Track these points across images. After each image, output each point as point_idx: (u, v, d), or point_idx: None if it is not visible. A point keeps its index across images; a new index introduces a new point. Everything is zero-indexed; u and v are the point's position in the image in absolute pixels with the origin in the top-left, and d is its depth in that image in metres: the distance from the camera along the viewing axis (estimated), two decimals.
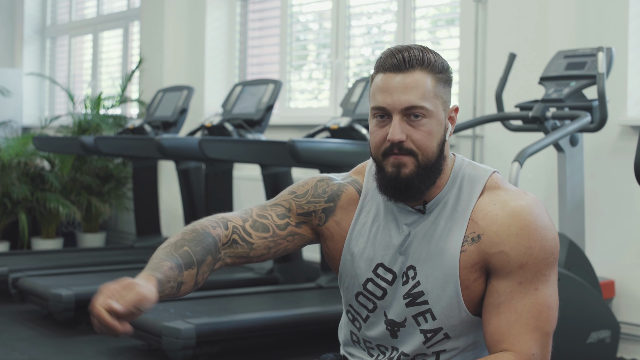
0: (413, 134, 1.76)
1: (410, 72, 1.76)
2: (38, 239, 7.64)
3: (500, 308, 1.75)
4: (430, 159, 1.78)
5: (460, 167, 1.86)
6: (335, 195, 1.94)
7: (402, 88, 1.76)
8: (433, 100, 1.77)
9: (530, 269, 1.74)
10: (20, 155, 7.53)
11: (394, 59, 1.77)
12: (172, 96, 6.50)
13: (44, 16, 9.85)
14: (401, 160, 1.77)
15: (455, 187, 1.84)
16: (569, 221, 4.09)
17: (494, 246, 1.76)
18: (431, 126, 1.77)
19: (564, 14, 4.65)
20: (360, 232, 1.91)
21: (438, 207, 1.83)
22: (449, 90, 1.82)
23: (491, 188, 1.83)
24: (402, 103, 1.76)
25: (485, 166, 1.88)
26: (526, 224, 1.75)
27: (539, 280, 1.75)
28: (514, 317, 1.74)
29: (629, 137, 4.42)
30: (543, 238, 1.75)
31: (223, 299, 4.77)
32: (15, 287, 5.27)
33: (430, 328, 1.82)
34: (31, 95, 9.70)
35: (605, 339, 3.88)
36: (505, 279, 1.76)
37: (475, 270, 1.78)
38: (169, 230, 7.29)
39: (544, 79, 4.21)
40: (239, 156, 5.06)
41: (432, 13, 5.84)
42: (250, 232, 1.89)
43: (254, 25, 7.20)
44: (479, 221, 1.79)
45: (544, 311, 1.75)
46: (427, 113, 1.76)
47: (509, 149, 4.65)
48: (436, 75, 1.78)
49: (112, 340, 4.64)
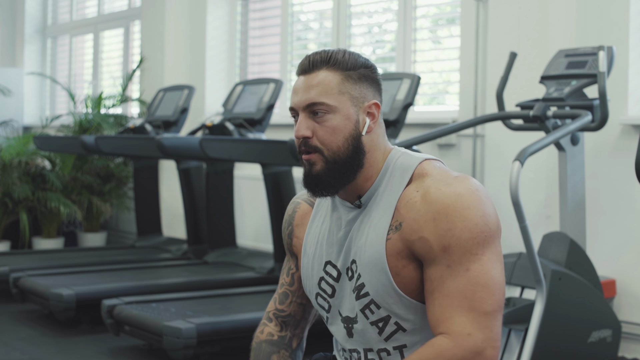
0: (318, 130, 1.81)
1: (314, 72, 1.83)
2: (39, 239, 7.64)
3: (434, 294, 1.74)
4: (337, 153, 1.81)
5: (393, 159, 1.86)
6: (290, 218, 2.05)
7: (305, 87, 1.82)
8: (337, 96, 1.81)
9: (456, 250, 1.72)
10: (21, 155, 7.53)
11: (304, 62, 1.86)
12: (173, 95, 6.50)
13: (45, 16, 9.85)
14: (310, 159, 1.82)
15: (385, 179, 1.85)
16: (570, 220, 4.08)
17: (413, 233, 1.76)
18: (335, 122, 1.81)
19: (565, 12, 4.65)
20: (313, 235, 1.97)
21: (371, 200, 1.86)
22: (365, 86, 1.84)
23: (419, 176, 1.82)
24: (304, 101, 1.82)
25: (421, 155, 1.88)
26: (444, 207, 1.73)
27: (470, 260, 1.72)
28: (447, 300, 1.72)
29: (630, 136, 4.42)
30: (465, 218, 1.72)
31: (224, 298, 4.77)
32: (16, 286, 5.27)
33: (378, 318, 1.83)
34: (32, 95, 9.70)
35: (607, 338, 3.88)
36: (433, 264, 1.75)
37: (402, 258, 1.79)
38: (170, 229, 7.30)
39: (545, 78, 4.21)
40: (240, 155, 5.06)
41: (432, 12, 5.84)
42: (282, 308, 2.08)
43: (255, 25, 7.20)
44: (400, 209, 1.80)
45: (477, 291, 1.71)
46: (330, 109, 1.80)
47: (510, 148, 4.65)
48: (344, 72, 1.82)
49: (113, 339, 4.64)
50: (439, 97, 5.77)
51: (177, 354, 3.98)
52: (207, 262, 5.93)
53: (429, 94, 5.82)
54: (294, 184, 5.39)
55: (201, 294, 4.81)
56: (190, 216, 6.31)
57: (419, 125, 5.38)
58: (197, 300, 4.65)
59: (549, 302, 3.60)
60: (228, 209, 6.08)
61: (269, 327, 2.07)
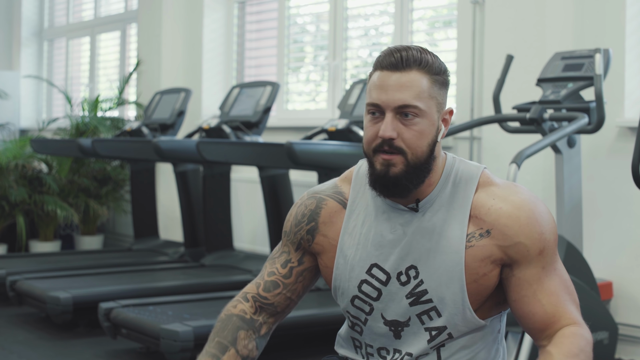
0: (404, 132, 1.79)
1: (407, 71, 1.79)
2: (36, 242, 7.64)
3: (537, 296, 1.81)
4: (419, 158, 1.80)
5: (452, 166, 1.88)
6: (314, 214, 1.99)
7: (397, 86, 1.78)
8: (427, 100, 1.79)
9: (548, 252, 1.82)
10: (17, 158, 7.52)
11: (392, 57, 1.80)
12: (169, 98, 6.50)
13: (42, 18, 9.85)
14: (390, 159, 1.80)
15: (448, 185, 1.86)
16: (566, 222, 4.09)
17: (508, 239, 1.81)
18: (423, 126, 1.80)
19: (562, 15, 4.66)
20: (352, 235, 1.93)
21: (433, 206, 1.85)
22: (444, 93, 1.84)
23: (485, 184, 1.87)
24: (395, 101, 1.78)
25: (475, 163, 1.92)
26: (532, 213, 1.82)
27: (555, 260, 1.85)
28: (554, 298, 1.81)
29: (626, 139, 4.42)
30: (548, 222, 1.84)
31: (221, 301, 4.75)
32: (13, 289, 5.26)
33: (435, 326, 1.84)
34: (29, 98, 9.70)
35: (604, 341, 3.88)
36: (529, 267, 1.82)
37: (486, 264, 1.82)
38: (167, 232, 7.29)
39: (542, 80, 4.21)
40: (237, 158, 5.06)
41: (429, 15, 5.84)
42: (265, 295, 2.03)
43: (252, 27, 7.20)
44: (483, 217, 1.83)
45: (569, 285, 1.85)
46: (420, 113, 1.79)
47: (506, 151, 4.66)
48: (433, 77, 1.81)
49: (110, 342, 4.64)
50: None
51: (174, 357, 3.97)
52: (204, 265, 5.92)
53: None
54: (290, 186, 5.39)
55: (198, 297, 4.81)
56: (187, 219, 6.31)
57: None
58: (194, 303, 4.65)
59: None
60: (225, 212, 6.07)
61: (243, 305, 2.03)
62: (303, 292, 2.05)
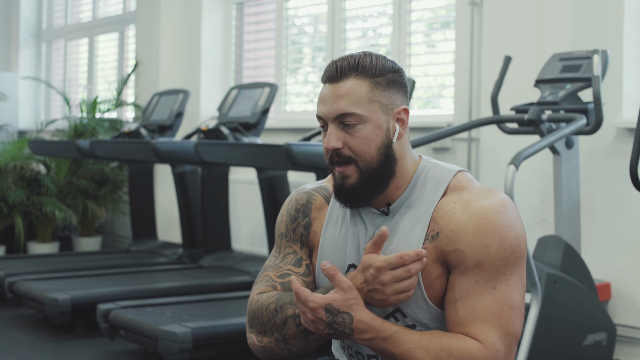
0: (349, 140, 1.79)
1: (342, 80, 1.80)
2: (34, 243, 7.63)
3: (457, 304, 1.75)
4: (370, 164, 1.79)
5: (424, 169, 1.86)
6: (307, 209, 1.98)
7: (334, 97, 1.80)
8: (367, 105, 1.79)
9: (487, 267, 1.74)
10: (16, 159, 7.52)
11: (329, 70, 1.82)
12: (168, 100, 6.50)
13: (40, 20, 9.84)
14: (344, 171, 1.81)
15: (417, 188, 1.85)
16: (564, 224, 4.09)
17: (450, 244, 1.76)
18: (367, 131, 1.79)
19: (560, 16, 4.66)
20: (331, 236, 1.92)
21: (402, 209, 1.85)
22: (393, 92, 1.82)
23: (455, 188, 1.83)
24: (333, 112, 1.80)
25: (451, 166, 1.88)
26: (484, 222, 1.75)
27: (497, 280, 1.74)
28: (474, 315, 1.73)
29: (624, 140, 4.43)
30: (502, 237, 1.75)
31: (219, 302, 4.77)
32: (11, 291, 5.26)
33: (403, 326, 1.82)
34: (27, 99, 9.69)
35: (602, 342, 3.88)
36: (462, 276, 1.76)
37: (436, 267, 1.79)
38: (165, 234, 7.29)
39: (540, 81, 4.22)
40: (235, 160, 5.06)
41: (427, 16, 5.84)
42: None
43: (250, 29, 7.20)
44: (438, 219, 1.79)
45: (504, 310, 1.73)
46: (361, 119, 1.78)
47: (504, 152, 4.66)
48: (373, 80, 1.80)
49: (108, 344, 4.64)
50: (434, 100, 5.78)
51: (173, 358, 3.97)
52: (203, 266, 5.92)
53: (424, 97, 5.82)
54: (289, 188, 5.40)
55: (196, 298, 4.81)
56: (186, 220, 6.31)
57: (414, 129, 5.38)
58: (193, 305, 4.65)
59: (544, 306, 3.60)
60: (223, 213, 6.07)
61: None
62: None
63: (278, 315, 1.84)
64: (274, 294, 1.89)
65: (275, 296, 1.88)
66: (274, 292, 1.90)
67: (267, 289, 1.93)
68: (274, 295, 1.88)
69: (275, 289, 1.94)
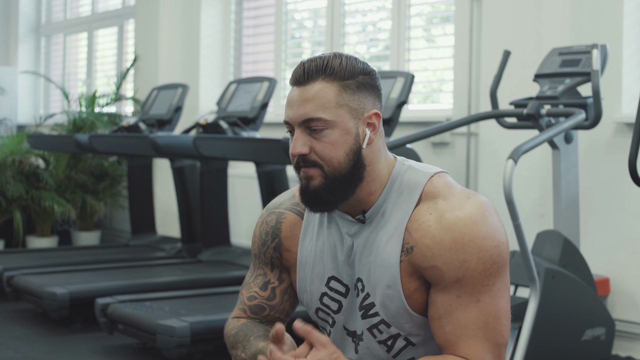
0: (316, 145, 1.71)
1: (309, 84, 1.72)
2: (33, 237, 7.63)
3: (442, 321, 1.71)
4: (337, 169, 1.71)
5: (399, 173, 1.78)
6: (276, 230, 1.92)
7: (300, 101, 1.72)
8: (334, 110, 1.70)
9: (468, 282, 1.68)
10: (15, 154, 7.52)
11: (296, 72, 1.74)
12: (166, 94, 6.49)
13: (39, 14, 9.83)
14: (308, 172, 1.73)
15: (392, 195, 1.77)
16: (563, 219, 4.09)
17: (426, 260, 1.71)
18: (334, 137, 1.71)
19: (559, 11, 4.65)
20: (309, 248, 1.87)
21: (377, 216, 1.78)
22: (363, 96, 1.74)
23: (430, 195, 1.75)
24: (299, 117, 1.71)
25: (427, 168, 1.80)
26: (460, 237, 1.68)
27: (480, 292, 1.69)
28: (459, 329, 1.69)
29: (623, 134, 4.42)
30: (480, 249, 1.68)
31: (218, 297, 4.77)
32: (9, 285, 5.26)
33: (388, 336, 1.79)
34: (26, 94, 9.69)
35: (600, 337, 3.88)
36: (442, 292, 1.71)
37: (413, 280, 1.74)
38: (164, 228, 7.29)
39: (539, 76, 4.21)
40: (234, 154, 5.06)
41: (427, 10, 5.84)
42: (258, 318, 1.94)
43: (249, 23, 7.19)
44: (412, 232, 1.73)
45: (490, 322, 1.69)
46: (327, 124, 1.70)
47: (503, 147, 4.65)
48: (341, 83, 1.72)
49: (106, 338, 4.64)
50: (433, 95, 5.77)
51: (171, 353, 3.97)
52: (201, 260, 5.92)
53: (423, 92, 5.82)
54: (287, 182, 5.39)
55: (195, 293, 4.81)
56: (184, 215, 6.31)
57: (413, 123, 5.38)
58: (191, 299, 4.65)
59: (542, 301, 3.60)
60: (222, 208, 6.07)
61: (246, 319, 1.95)
62: (291, 310, 1.97)
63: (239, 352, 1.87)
64: (237, 326, 1.91)
65: (237, 328, 1.91)
66: (239, 323, 1.92)
67: (238, 314, 1.96)
68: (237, 327, 1.91)
69: (245, 313, 1.94)
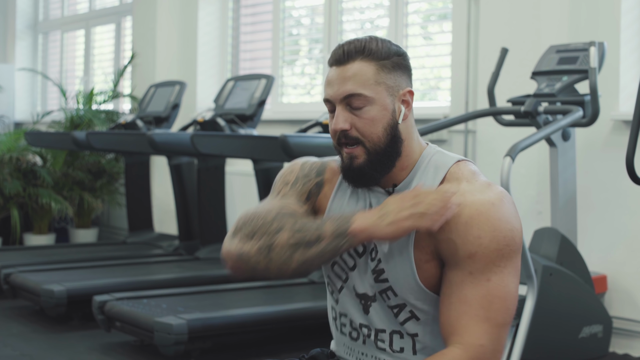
0: (356, 122, 1.82)
1: (349, 63, 1.83)
2: (30, 235, 7.63)
3: (451, 298, 1.77)
4: (377, 144, 1.82)
5: (429, 154, 1.89)
6: (321, 170, 2.00)
7: (341, 79, 1.83)
8: (374, 87, 1.82)
9: (480, 259, 1.75)
10: (12, 151, 7.51)
11: (336, 53, 1.86)
12: (164, 91, 6.49)
13: (37, 11, 9.82)
14: (352, 152, 1.84)
15: (420, 172, 1.87)
16: (561, 216, 4.09)
17: (442, 232, 1.77)
18: (373, 112, 1.82)
19: (557, 8, 4.65)
20: (338, 204, 1.95)
21: (404, 191, 1.86)
22: (398, 75, 1.85)
23: (454, 177, 1.84)
24: (341, 93, 1.82)
25: (455, 155, 1.90)
26: (477, 214, 1.76)
27: (491, 271, 1.75)
28: (464, 307, 1.75)
29: (621, 132, 4.42)
30: (495, 228, 1.75)
31: (215, 294, 4.76)
32: (7, 282, 5.26)
33: (395, 304, 1.85)
34: (23, 91, 9.68)
35: (598, 334, 3.89)
36: (456, 268, 1.77)
37: (426, 253, 1.81)
38: (162, 225, 7.28)
39: (536, 73, 4.21)
40: (231, 151, 5.05)
41: (424, 8, 5.83)
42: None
43: (247, 20, 7.19)
44: None
45: (495, 302, 1.75)
46: (368, 100, 1.81)
47: (501, 144, 4.65)
48: (379, 62, 1.83)
49: (104, 335, 4.64)
50: (431, 93, 5.77)
51: (168, 350, 3.97)
52: (199, 258, 5.92)
53: (421, 89, 5.81)
54: None
55: (192, 290, 4.80)
56: (182, 212, 6.30)
57: None
58: (189, 296, 4.64)
59: (540, 298, 3.61)
60: (219, 205, 6.07)
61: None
62: None
63: (274, 224, 1.82)
64: (277, 205, 1.89)
65: (277, 207, 1.89)
66: (277, 204, 1.91)
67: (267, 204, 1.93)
68: (276, 206, 1.89)
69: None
